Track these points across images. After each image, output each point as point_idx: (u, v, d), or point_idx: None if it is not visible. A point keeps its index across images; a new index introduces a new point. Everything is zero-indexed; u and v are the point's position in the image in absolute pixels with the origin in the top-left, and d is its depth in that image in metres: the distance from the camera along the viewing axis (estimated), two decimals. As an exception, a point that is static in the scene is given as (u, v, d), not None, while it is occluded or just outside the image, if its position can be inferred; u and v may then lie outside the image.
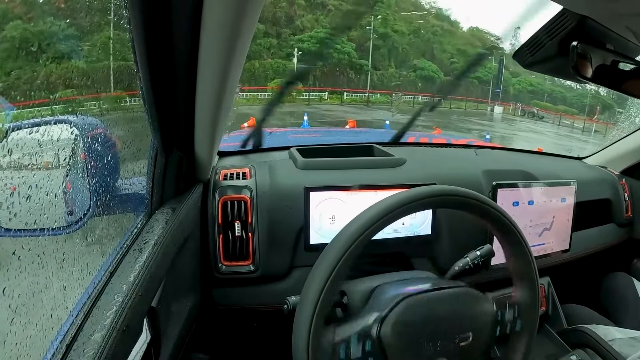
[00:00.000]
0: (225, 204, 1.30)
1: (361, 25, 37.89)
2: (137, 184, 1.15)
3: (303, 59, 33.78)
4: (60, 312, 0.78)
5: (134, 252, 0.88)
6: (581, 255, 1.87)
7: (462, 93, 34.50)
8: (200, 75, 0.82)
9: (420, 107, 2.32)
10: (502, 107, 33.40)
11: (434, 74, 40.09)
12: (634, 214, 2.11)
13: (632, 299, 1.94)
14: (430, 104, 2.62)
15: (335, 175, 1.45)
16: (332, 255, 0.79)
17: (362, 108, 26.42)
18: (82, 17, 0.90)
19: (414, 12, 44.62)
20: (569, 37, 0.93)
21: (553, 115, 32.51)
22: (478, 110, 34.50)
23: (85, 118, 0.97)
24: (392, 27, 41.08)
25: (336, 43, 34.38)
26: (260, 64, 34.27)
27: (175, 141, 1.05)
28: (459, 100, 34.25)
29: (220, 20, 0.65)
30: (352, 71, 37.73)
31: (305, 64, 28.42)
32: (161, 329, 1.00)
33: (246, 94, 27.34)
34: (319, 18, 38.57)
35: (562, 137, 25.82)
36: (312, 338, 0.76)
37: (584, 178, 1.91)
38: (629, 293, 1.97)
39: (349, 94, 34.18)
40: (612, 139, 2.24)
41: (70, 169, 0.97)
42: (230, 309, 1.37)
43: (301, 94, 29.76)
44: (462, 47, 44.45)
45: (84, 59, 1.01)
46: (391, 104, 30.96)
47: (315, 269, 0.80)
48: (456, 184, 0.98)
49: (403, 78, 40.15)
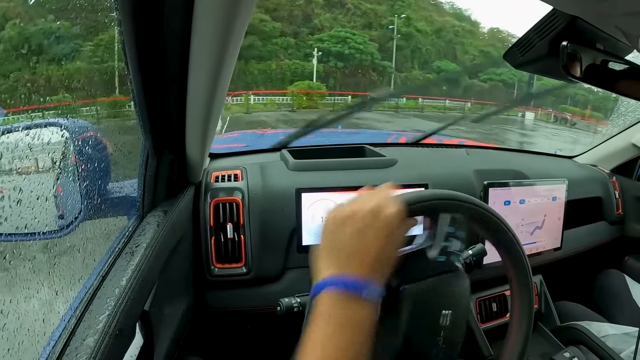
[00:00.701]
0: (217, 206, 1.30)
1: (382, 25, 36.17)
2: (129, 187, 1.15)
3: (323, 60, 31.74)
4: (53, 317, 0.78)
5: (126, 255, 0.88)
6: (573, 253, 1.89)
7: (487, 98, 32.13)
8: (192, 78, 0.82)
9: (460, 116, 2.32)
10: (533, 113, 30.28)
11: (458, 76, 37.23)
12: (624, 211, 2.14)
13: (624, 296, 1.96)
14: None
15: (326, 176, 1.45)
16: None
17: (391, 115, 23.56)
18: (73, 19, 0.89)
19: (433, 12, 43.17)
20: (559, 37, 0.93)
21: (582, 121, 30.24)
22: (509, 117, 31.00)
23: (75, 121, 0.96)
24: (415, 27, 38.87)
25: (358, 43, 32.95)
26: (277, 65, 31.86)
27: (166, 143, 1.04)
28: (485, 104, 31.02)
29: (211, 22, 0.64)
30: (375, 73, 35.52)
31: (328, 65, 26.48)
32: (154, 332, 0.99)
33: (262, 97, 25.10)
34: (338, 17, 36.32)
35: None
36: None
37: (575, 177, 1.92)
38: (622, 290, 1.98)
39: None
40: (602, 138, 2.26)
41: (61, 173, 0.96)
42: (224, 311, 1.36)
43: (324, 97, 27.42)
44: (484, 48, 42.29)
45: (76, 60, 1.00)
46: (422, 109, 28.35)
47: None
48: (448, 184, 0.98)
49: (426, 80, 38.08)
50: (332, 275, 0.63)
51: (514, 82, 34.75)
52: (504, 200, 1.53)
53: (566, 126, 29.20)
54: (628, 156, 2.15)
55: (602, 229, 2.09)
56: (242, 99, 22.11)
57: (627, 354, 1.52)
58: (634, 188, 2.16)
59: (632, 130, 2.07)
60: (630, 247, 2.18)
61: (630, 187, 2.16)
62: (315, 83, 29.07)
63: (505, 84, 35.35)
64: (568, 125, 29.81)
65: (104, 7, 0.85)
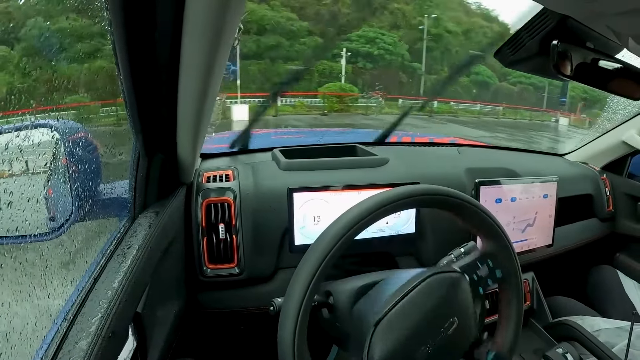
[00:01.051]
0: (209, 206, 1.30)
1: (411, 25, 34.34)
2: (120, 188, 1.14)
3: (351, 60, 29.74)
4: (45, 320, 0.77)
5: (117, 257, 0.88)
6: (565, 250, 1.90)
7: (517, 102, 31.53)
8: (183, 78, 0.81)
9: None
10: (567, 119, 28.44)
11: (489, 79, 35.48)
12: (615, 208, 2.16)
13: (617, 291, 1.98)
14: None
15: (318, 175, 1.45)
16: (315, 255, 0.79)
17: (426, 120, 21.20)
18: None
19: (461, 12, 42.33)
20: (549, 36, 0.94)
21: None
22: (543, 123, 29.79)
23: (66, 122, 0.96)
24: (444, 28, 37.21)
25: (388, 44, 31.70)
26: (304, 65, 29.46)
27: (157, 144, 1.04)
28: (518, 109, 30.44)
29: (202, 21, 0.64)
30: (405, 75, 33.48)
31: (356, 66, 25.29)
32: (147, 334, 0.99)
33: (291, 99, 23.26)
34: (365, 16, 35.65)
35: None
36: (298, 339, 0.76)
37: (566, 174, 1.94)
38: (614, 285, 2.01)
39: (405, 101, 28.40)
40: (593, 136, 2.27)
41: (52, 174, 0.95)
42: (216, 312, 1.36)
43: (356, 101, 25.92)
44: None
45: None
46: (456, 114, 26.87)
47: (299, 269, 0.80)
48: (439, 183, 0.98)
49: (457, 83, 36.09)
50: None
51: (544, 85, 33.04)
52: (495, 198, 1.54)
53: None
54: (618, 154, 2.17)
55: (593, 226, 2.11)
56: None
57: (620, 347, 1.53)
58: (625, 185, 2.17)
59: (622, 128, 2.08)
60: (621, 244, 2.21)
61: (621, 185, 2.18)
62: (346, 85, 27.79)
63: (535, 87, 34.17)
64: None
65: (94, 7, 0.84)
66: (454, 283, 0.91)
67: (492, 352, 0.97)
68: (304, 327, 0.76)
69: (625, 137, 2.06)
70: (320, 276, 0.78)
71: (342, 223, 0.82)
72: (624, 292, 1.95)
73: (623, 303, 1.92)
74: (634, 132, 2.02)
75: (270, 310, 0.90)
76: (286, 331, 0.76)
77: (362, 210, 0.84)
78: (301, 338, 0.76)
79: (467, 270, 0.94)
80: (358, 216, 0.83)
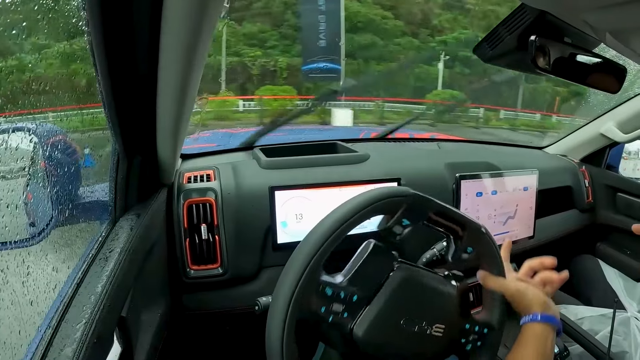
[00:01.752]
0: (191, 207, 1.29)
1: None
2: (100, 191, 1.13)
3: (447, 65, 24.68)
4: (29, 328, 0.76)
5: (100, 261, 0.87)
6: (546, 241, 1.93)
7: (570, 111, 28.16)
8: (162, 78, 0.81)
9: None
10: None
11: (584, 90, 33.13)
12: (594, 199, 2.20)
13: (599, 280, 2.02)
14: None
15: (299, 173, 1.45)
16: (304, 252, 0.79)
17: (537, 135, 18.71)
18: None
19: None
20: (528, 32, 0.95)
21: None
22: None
23: (44, 125, 0.94)
24: None
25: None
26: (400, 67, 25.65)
27: (137, 145, 1.03)
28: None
29: (181, 20, 0.64)
30: (504, 85, 29.63)
31: (453, 70, 23.44)
32: (133, 338, 0.98)
33: (394, 105, 19.93)
34: (458, 17, 33.29)
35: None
36: (286, 337, 0.76)
37: (545, 167, 1.96)
38: (596, 274, 2.04)
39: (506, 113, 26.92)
40: (571, 128, 2.30)
41: (31, 179, 0.94)
42: (202, 313, 1.36)
43: (467, 111, 23.04)
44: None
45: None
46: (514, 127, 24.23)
47: (287, 270, 0.80)
48: (420, 178, 0.99)
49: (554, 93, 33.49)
50: (541, 312, 0.93)
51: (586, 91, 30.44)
52: (476, 191, 1.55)
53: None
54: (597, 146, 2.21)
55: (574, 217, 2.15)
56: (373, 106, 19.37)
57: (603, 334, 1.56)
58: (604, 177, 2.21)
59: (600, 121, 2.12)
60: (602, 234, 2.26)
61: (600, 176, 2.22)
62: (455, 92, 25.41)
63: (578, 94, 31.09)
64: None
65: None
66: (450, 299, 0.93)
67: (484, 329, 0.97)
68: (292, 325, 0.76)
69: (603, 129, 2.09)
70: (310, 276, 0.78)
71: (334, 218, 0.82)
72: (605, 281, 1.99)
73: (605, 291, 1.96)
74: (612, 124, 2.05)
75: (256, 310, 0.90)
76: (274, 329, 0.76)
77: (355, 205, 0.84)
78: (289, 336, 0.76)
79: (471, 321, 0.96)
80: (351, 211, 0.83)
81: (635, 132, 1.96)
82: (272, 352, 0.76)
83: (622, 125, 2.02)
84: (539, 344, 0.91)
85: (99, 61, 0.76)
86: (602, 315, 1.65)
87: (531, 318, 0.93)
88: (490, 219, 1.60)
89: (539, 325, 0.92)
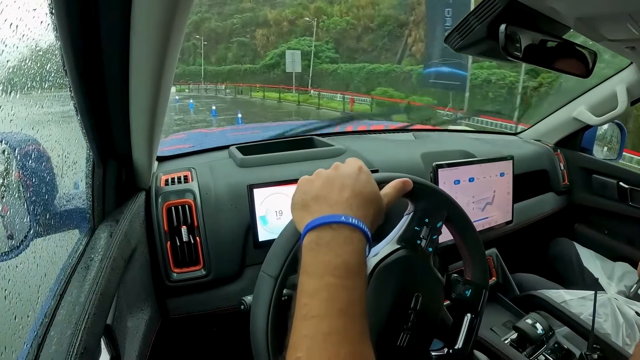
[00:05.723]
0: (170, 209, 1.28)
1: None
2: (78, 198, 1.12)
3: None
4: (14, 343, 0.76)
5: (81, 270, 0.86)
6: (525, 224, 1.97)
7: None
8: (133, 80, 0.81)
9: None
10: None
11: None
12: (570, 182, 2.25)
13: (575, 262, 2.05)
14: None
15: (277, 170, 1.46)
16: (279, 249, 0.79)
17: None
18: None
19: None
20: (497, 20, 0.97)
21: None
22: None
23: (16, 133, 0.93)
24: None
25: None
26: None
27: (112, 150, 1.03)
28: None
29: (150, 21, 0.64)
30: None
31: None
32: (120, 346, 0.97)
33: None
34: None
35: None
36: (270, 334, 0.76)
37: (521, 152, 2.00)
38: (572, 257, 2.08)
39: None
40: (544, 113, 2.34)
41: (5, 190, 0.93)
42: (187, 316, 1.35)
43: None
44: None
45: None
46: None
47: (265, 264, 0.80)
48: (397, 169, 0.99)
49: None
50: (309, 221, 0.65)
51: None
52: (453, 179, 1.57)
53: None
54: (570, 129, 2.25)
55: (550, 200, 2.20)
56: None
57: (585, 316, 1.58)
58: (578, 159, 2.27)
59: (572, 105, 2.16)
60: (579, 215, 2.31)
61: (575, 159, 2.27)
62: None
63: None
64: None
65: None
66: (400, 263, 0.85)
67: (469, 288, 0.95)
68: (275, 322, 0.77)
69: (576, 113, 2.13)
70: (288, 269, 0.78)
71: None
72: (581, 263, 2.03)
73: (582, 274, 2.00)
74: (583, 107, 2.09)
75: (241, 309, 0.90)
76: (258, 327, 0.76)
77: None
78: (273, 333, 0.77)
79: (408, 239, 0.88)
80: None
81: (607, 115, 2.00)
82: (258, 351, 0.76)
83: (594, 109, 2.06)
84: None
85: (69, 66, 0.76)
86: (582, 297, 1.68)
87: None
88: (468, 205, 1.62)
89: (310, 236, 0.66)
